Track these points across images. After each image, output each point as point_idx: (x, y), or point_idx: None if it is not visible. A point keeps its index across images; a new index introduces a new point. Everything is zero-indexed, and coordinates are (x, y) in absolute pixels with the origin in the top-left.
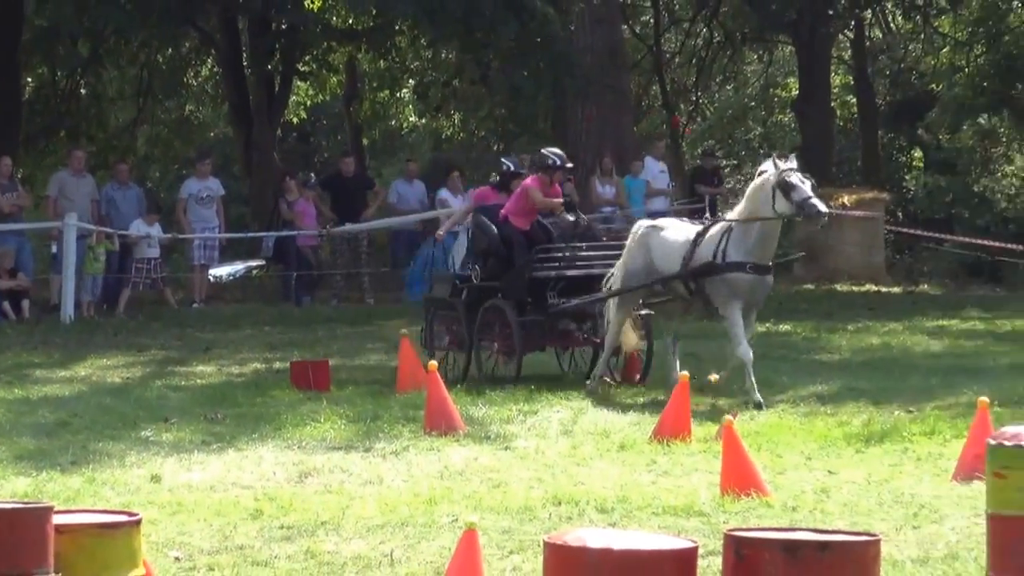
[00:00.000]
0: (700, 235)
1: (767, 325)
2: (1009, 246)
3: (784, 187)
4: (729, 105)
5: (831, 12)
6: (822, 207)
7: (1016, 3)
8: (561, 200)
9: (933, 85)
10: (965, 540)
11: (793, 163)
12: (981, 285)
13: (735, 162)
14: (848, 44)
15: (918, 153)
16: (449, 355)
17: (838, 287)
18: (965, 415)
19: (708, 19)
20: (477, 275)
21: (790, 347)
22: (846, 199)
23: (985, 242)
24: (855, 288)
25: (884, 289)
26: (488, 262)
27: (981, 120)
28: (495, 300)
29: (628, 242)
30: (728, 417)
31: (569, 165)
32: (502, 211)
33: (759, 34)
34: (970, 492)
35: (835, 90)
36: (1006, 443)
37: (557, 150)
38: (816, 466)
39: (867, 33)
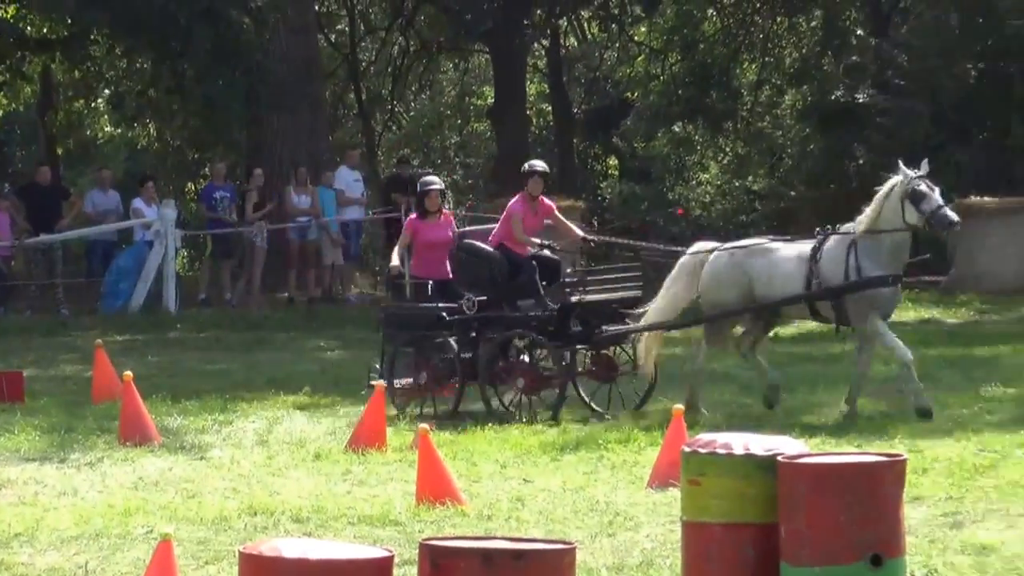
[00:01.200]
0: (816, 251)
1: None
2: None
3: (914, 197)
4: (425, 113)
5: (526, 21)
6: (953, 217)
7: (711, 11)
8: (538, 241)
9: (628, 93)
10: (660, 547)
11: (923, 170)
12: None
13: (430, 170)
14: (544, 53)
15: (614, 161)
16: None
17: None
18: (660, 423)
19: (404, 28)
20: (472, 305)
21: None
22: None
23: (680, 249)
24: None
25: None
26: (492, 290)
27: (676, 128)
28: (509, 332)
29: (694, 269)
30: (423, 426)
31: (539, 170)
32: (492, 237)
33: (455, 43)
34: (665, 499)
35: (531, 98)
36: (700, 450)
37: (538, 160)
38: (511, 474)
39: (563, 42)
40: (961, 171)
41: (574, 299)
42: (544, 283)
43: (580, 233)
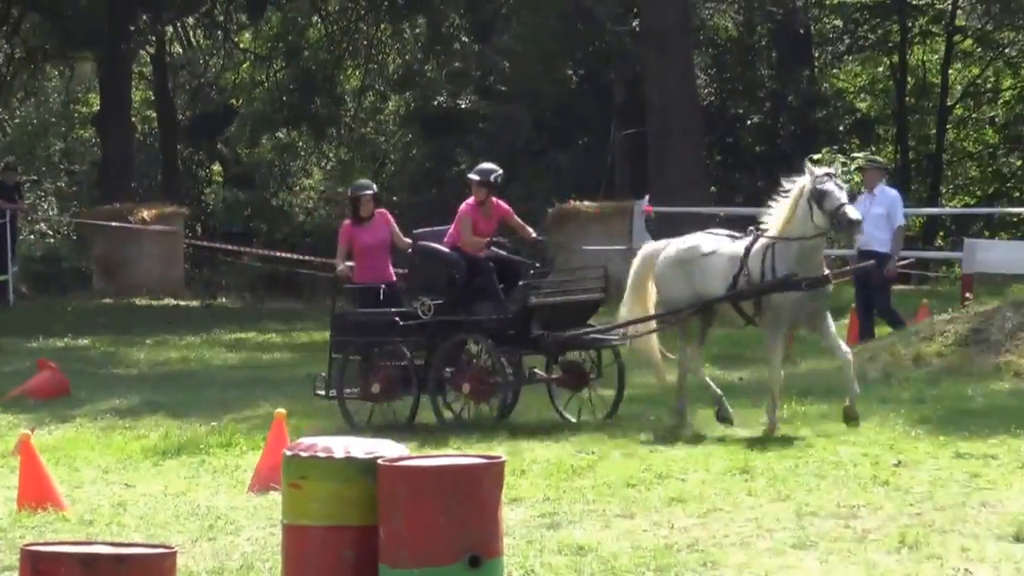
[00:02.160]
0: (748, 250)
1: (66, 340)
2: (306, 258)
3: (818, 197)
4: (30, 120)
5: (132, 28)
6: (854, 215)
7: (315, 18)
8: (485, 241)
9: (233, 100)
10: (261, 551)
11: (831, 168)
12: (278, 298)
13: (35, 177)
14: (149, 60)
15: (218, 167)
16: (368, 405)
17: (137, 301)
18: (262, 426)
19: (9, 35)
20: (428, 309)
21: (88, 361)
22: (146, 214)
23: (283, 255)
24: (154, 302)
25: (183, 303)
26: (450, 293)
27: (280, 134)
28: (462, 335)
29: (646, 269)
30: (25, 431)
31: (492, 179)
32: (447, 239)
33: (60, 50)
34: (266, 503)
35: (136, 105)
36: (302, 454)
37: (488, 164)
38: (114, 479)
39: (168, 49)
40: (562, 175)
41: (533, 301)
42: (503, 286)
43: (533, 235)
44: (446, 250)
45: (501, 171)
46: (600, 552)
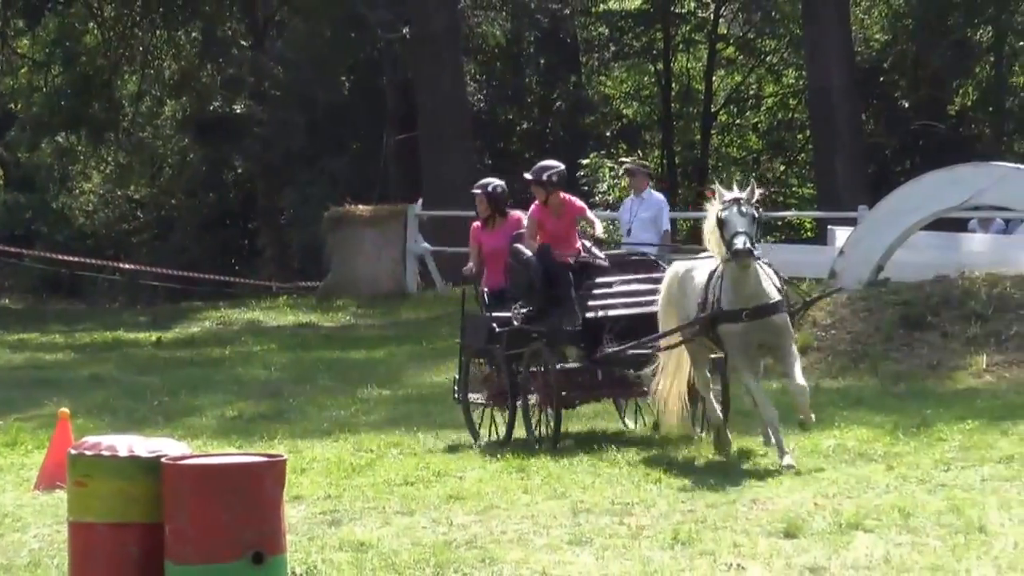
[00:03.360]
0: (710, 276)
1: None
2: (88, 260)
3: (720, 225)
4: None
5: None
6: (739, 245)
7: (92, 24)
8: (536, 244)
9: (12, 104)
10: (48, 547)
11: (737, 192)
12: (61, 299)
13: None
14: None
15: None
16: (487, 412)
17: None
18: (47, 426)
19: None
20: (518, 316)
21: None
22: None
23: (64, 257)
24: None
25: None
26: (531, 299)
27: (59, 138)
28: (537, 344)
29: (670, 289)
30: None
31: (545, 178)
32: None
33: None
34: (52, 501)
35: None
36: (87, 452)
37: (546, 161)
38: None
39: None
40: (336, 180)
41: (590, 315)
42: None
43: (597, 233)
44: (528, 254)
45: (559, 167)
46: (380, 548)
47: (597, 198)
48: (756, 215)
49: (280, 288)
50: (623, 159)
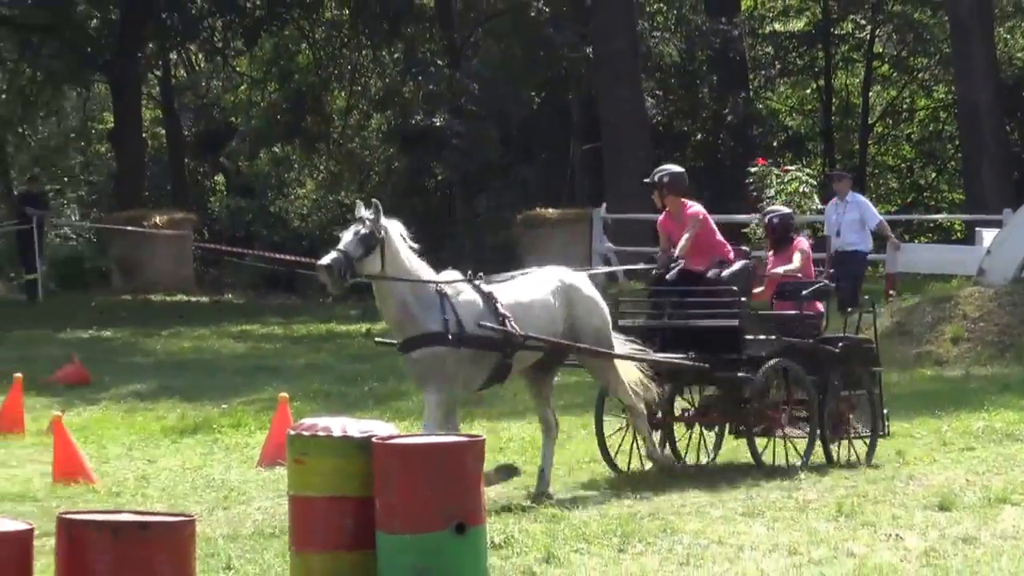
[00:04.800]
0: None
1: (90, 332)
2: (302, 259)
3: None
4: (52, 137)
5: (140, 54)
6: (322, 261)
7: (304, 44)
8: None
9: (233, 118)
10: (270, 519)
11: (363, 211)
12: (279, 295)
13: (58, 187)
14: (157, 82)
15: (221, 178)
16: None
17: (152, 297)
18: (268, 409)
19: (31, 59)
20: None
21: (111, 351)
22: (158, 219)
23: (281, 256)
24: (168, 298)
25: (194, 299)
26: None
27: (276, 149)
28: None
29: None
30: (56, 413)
31: (657, 179)
32: None
33: (77, 73)
34: (274, 477)
35: (146, 123)
36: (304, 433)
37: (665, 166)
38: (137, 456)
39: (173, 72)
40: (527, 186)
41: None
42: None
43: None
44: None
45: (671, 169)
46: (571, 520)
47: (765, 202)
48: (369, 233)
49: None
50: (788, 167)
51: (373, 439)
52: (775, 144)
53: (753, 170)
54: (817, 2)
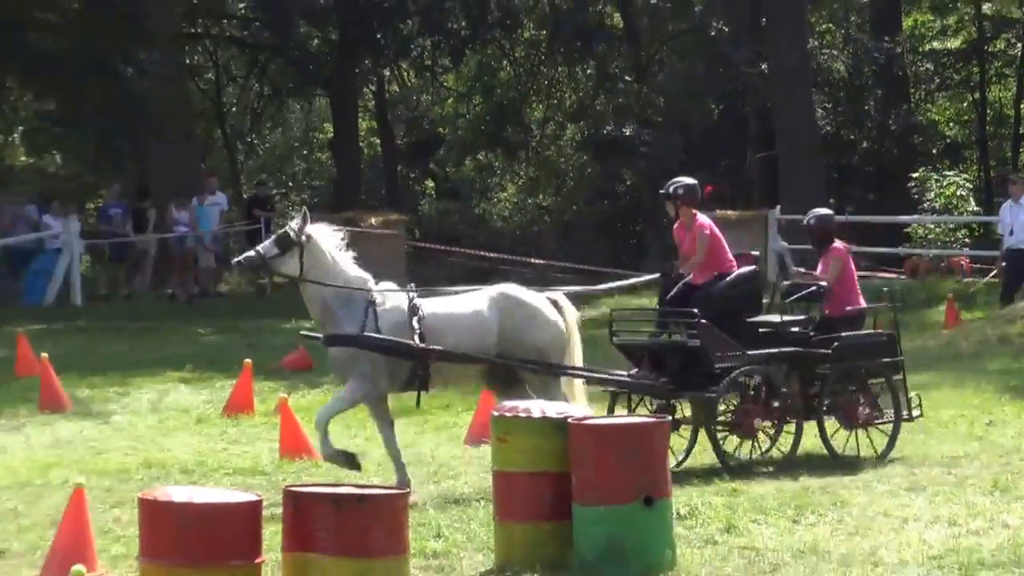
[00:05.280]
0: None
1: (313, 322)
2: (504, 256)
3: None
4: (277, 145)
5: (357, 70)
6: (237, 258)
7: (504, 62)
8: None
9: (441, 128)
10: (476, 492)
11: (297, 221)
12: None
13: (284, 191)
14: (372, 96)
15: (430, 183)
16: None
17: None
18: (475, 392)
19: (259, 76)
20: None
21: None
22: (373, 220)
23: (485, 253)
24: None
25: None
26: None
27: (480, 156)
28: None
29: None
30: (283, 395)
31: (672, 191)
32: None
33: (301, 88)
34: (479, 454)
35: (362, 133)
36: (507, 414)
37: (679, 179)
38: (355, 434)
39: (386, 87)
40: None
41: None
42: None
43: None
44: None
45: (685, 181)
46: (750, 494)
47: (925, 204)
48: (285, 235)
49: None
50: (946, 172)
51: (569, 420)
52: (934, 152)
53: (915, 176)
54: (972, 22)
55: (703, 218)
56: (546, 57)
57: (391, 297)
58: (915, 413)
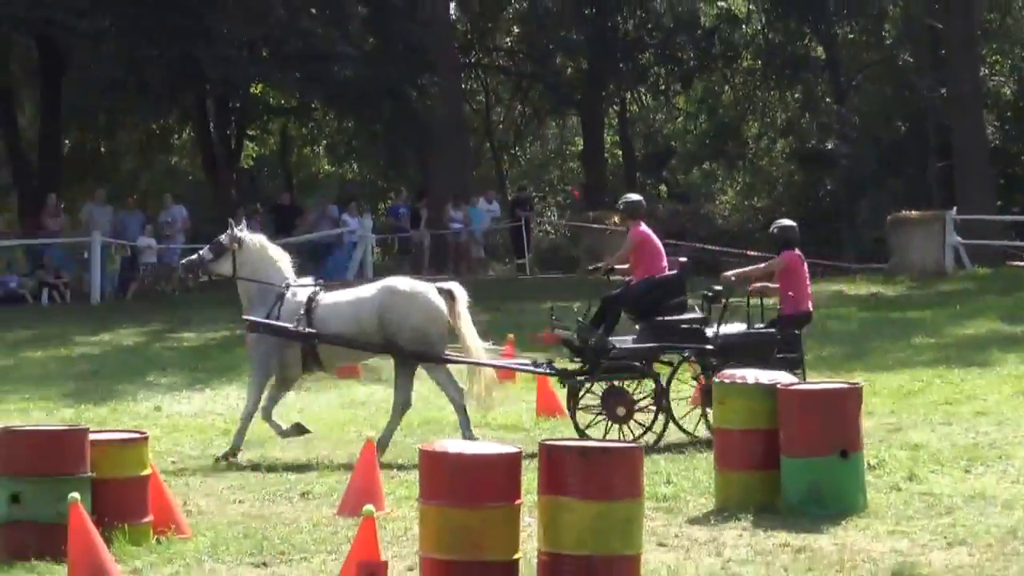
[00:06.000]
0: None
1: (576, 303)
2: (725, 249)
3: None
4: (536, 156)
5: (603, 93)
6: (182, 260)
7: (726, 87)
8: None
9: (672, 142)
10: (698, 446)
11: (228, 232)
12: (707, 276)
13: (541, 194)
14: (615, 115)
15: (663, 188)
16: None
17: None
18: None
19: (522, 98)
20: None
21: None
22: (616, 219)
23: (707, 247)
24: (622, 279)
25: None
26: None
27: (704, 166)
28: None
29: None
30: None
31: (620, 205)
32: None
33: (556, 108)
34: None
35: (607, 146)
36: (725, 381)
37: (627, 195)
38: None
39: (627, 108)
40: (896, 194)
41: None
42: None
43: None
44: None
45: (627, 197)
46: (929, 448)
47: None
48: (219, 242)
49: (858, 269)
50: None
51: (778, 386)
52: None
53: None
54: None
55: (639, 228)
56: (761, 83)
57: (303, 292)
58: None
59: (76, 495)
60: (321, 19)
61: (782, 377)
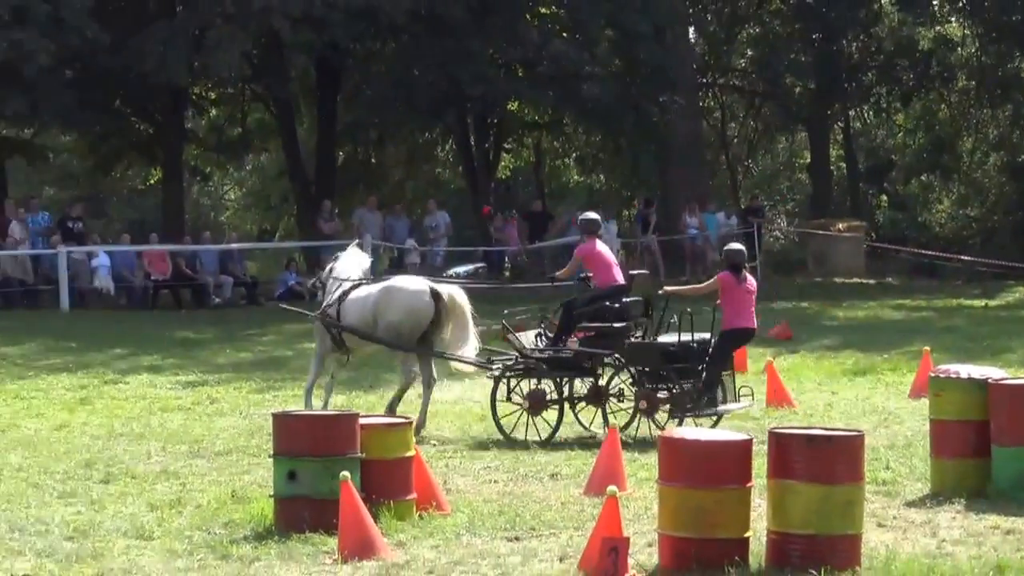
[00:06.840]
0: None
1: (792, 303)
2: (941, 254)
3: None
4: (767, 168)
5: (829, 111)
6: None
7: (943, 105)
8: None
9: (893, 155)
10: (917, 435)
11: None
12: (924, 278)
13: (772, 203)
14: (840, 130)
15: (884, 197)
16: None
17: (836, 280)
18: (915, 358)
19: (755, 115)
20: None
21: (807, 316)
22: (840, 226)
23: (925, 252)
24: (846, 280)
25: (864, 281)
26: None
27: (922, 178)
28: None
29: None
30: (768, 358)
31: (579, 222)
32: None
33: (785, 124)
34: (920, 406)
35: (833, 159)
36: (941, 375)
37: (585, 213)
38: (824, 389)
39: (851, 124)
40: None
41: None
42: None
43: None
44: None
45: (583, 214)
46: None
47: None
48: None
49: None
50: None
51: (989, 380)
52: None
53: None
54: None
55: (587, 244)
56: (974, 102)
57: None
58: (743, 403)
59: (347, 473)
60: (571, 42)
61: (993, 372)
